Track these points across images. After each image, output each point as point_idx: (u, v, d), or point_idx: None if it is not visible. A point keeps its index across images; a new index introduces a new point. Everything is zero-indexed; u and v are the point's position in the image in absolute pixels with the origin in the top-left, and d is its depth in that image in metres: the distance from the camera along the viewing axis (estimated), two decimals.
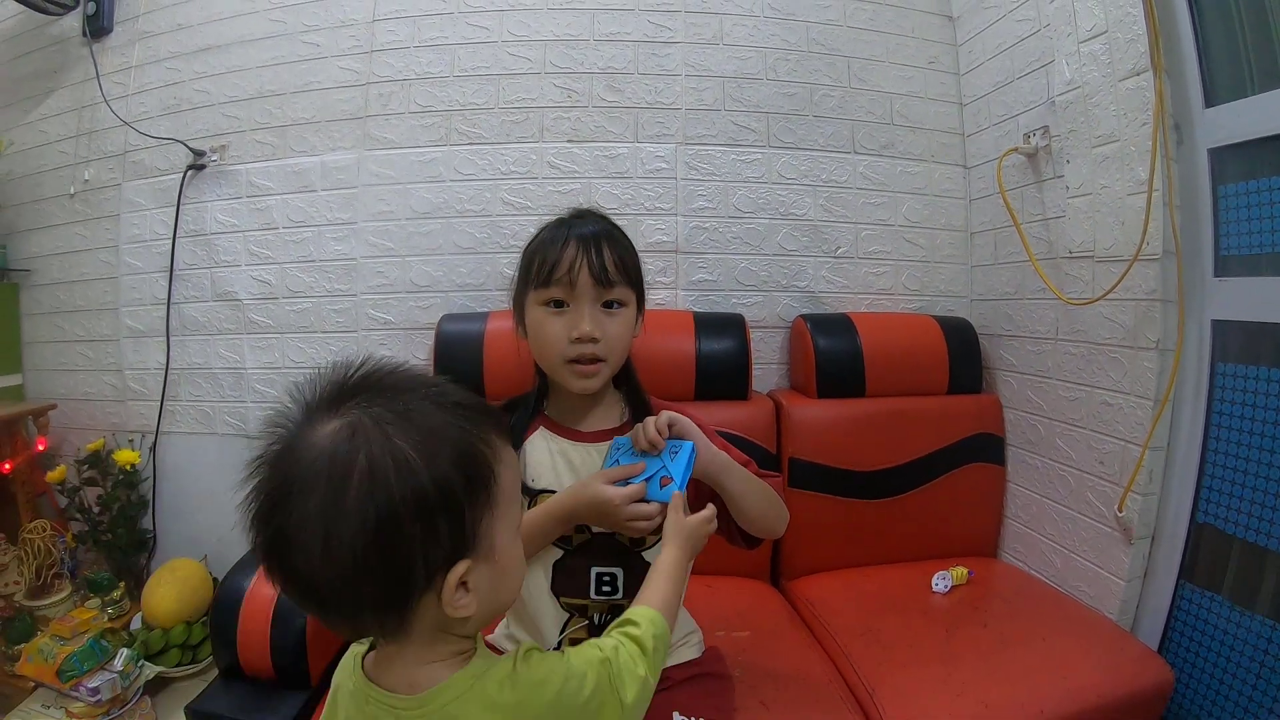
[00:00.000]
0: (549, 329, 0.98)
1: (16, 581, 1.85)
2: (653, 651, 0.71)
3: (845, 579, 1.64)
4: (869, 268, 1.97)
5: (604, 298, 0.99)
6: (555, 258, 0.97)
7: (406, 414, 0.55)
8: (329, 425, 0.54)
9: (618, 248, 1.00)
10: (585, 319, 0.96)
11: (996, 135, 1.85)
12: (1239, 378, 1.33)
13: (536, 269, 0.99)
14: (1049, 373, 1.68)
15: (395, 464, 0.52)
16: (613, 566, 1.01)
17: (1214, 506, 1.37)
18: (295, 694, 1.16)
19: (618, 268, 0.99)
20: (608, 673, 0.66)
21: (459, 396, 0.60)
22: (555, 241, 0.98)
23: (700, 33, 1.92)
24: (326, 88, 1.95)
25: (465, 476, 0.55)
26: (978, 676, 1.22)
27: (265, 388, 1.99)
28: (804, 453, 1.67)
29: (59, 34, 2.21)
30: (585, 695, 0.63)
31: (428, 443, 0.54)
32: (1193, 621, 1.40)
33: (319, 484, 0.51)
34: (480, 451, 0.58)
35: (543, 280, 0.97)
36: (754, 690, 1.16)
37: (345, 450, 0.52)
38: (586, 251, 0.96)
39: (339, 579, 0.52)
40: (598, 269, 0.96)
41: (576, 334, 0.96)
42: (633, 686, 0.67)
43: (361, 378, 0.59)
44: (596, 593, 1.00)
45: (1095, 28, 1.48)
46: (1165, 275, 1.37)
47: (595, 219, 1.03)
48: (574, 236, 0.98)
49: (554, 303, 0.98)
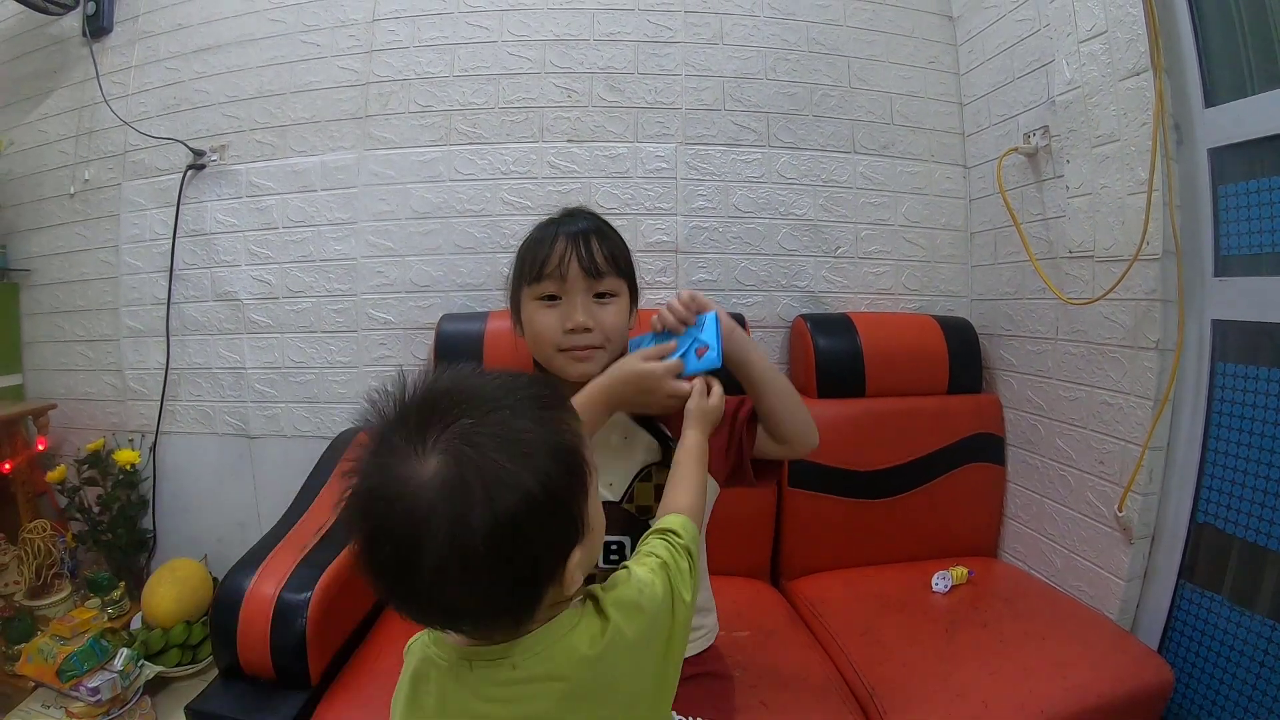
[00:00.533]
0: (542, 321, 1.01)
1: (16, 581, 1.85)
2: (695, 556, 0.76)
3: (845, 579, 1.64)
4: (869, 267, 1.97)
5: (595, 289, 1.01)
6: (545, 253, 1.00)
7: (497, 431, 0.56)
8: (430, 464, 0.54)
9: (606, 242, 1.03)
10: (578, 309, 0.99)
11: (996, 135, 1.85)
12: (1239, 377, 1.33)
13: (528, 266, 1.02)
14: (1049, 372, 1.68)
15: (506, 484, 0.53)
16: (620, 535, 1.01)
17: (1214, 506, 1.37)
18: (295, 694, 1.16)
19: (607, 260, 1.01)
20: (667, 575, 0.70)
21: (529, 390, 0.61)
22: (545, 239, 1.01)
23: (700, 32, 1.92)
24: (326, 87, 1.95)
25: (566, 471, 0.58)
26: (978, 676, 1.22)
27: (265, 387, 1.98)
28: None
29: (59, 34, 2.20)
30: (659, 598, 0.67)
31: (527, 453, 0.55)
32: (1193, 621, 1.40)
33: (443, 527, 0.52)
34: (570, 443, 0.60)
35: (534, 276, 1.00)
36: (754, 690, 1.16)
37: (458, 486, 0.53)
38: (575, 246, 0.99)
39: (477, 598, 0.56)
40: (587, 261, 0.99)
41: (570, 325, 0.99)
42: (688, 587, 0.72)
43: (436, 399, 0.58)
44: (605, 561, 1.00)
45: (1095, 27, 1.48)
46: (1165, 275, 1.37)
47: (585, 216, 1.06)
48: (563, 233, 1.01)
49: (547, 297, 1.01)
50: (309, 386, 1.96)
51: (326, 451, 1.70)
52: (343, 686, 1.18)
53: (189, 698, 1.18)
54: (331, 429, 1.91)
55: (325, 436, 1.84)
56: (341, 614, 1.29)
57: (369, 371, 1.93)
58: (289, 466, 1.89)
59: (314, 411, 1.96)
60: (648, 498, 1.02)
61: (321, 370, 1.95)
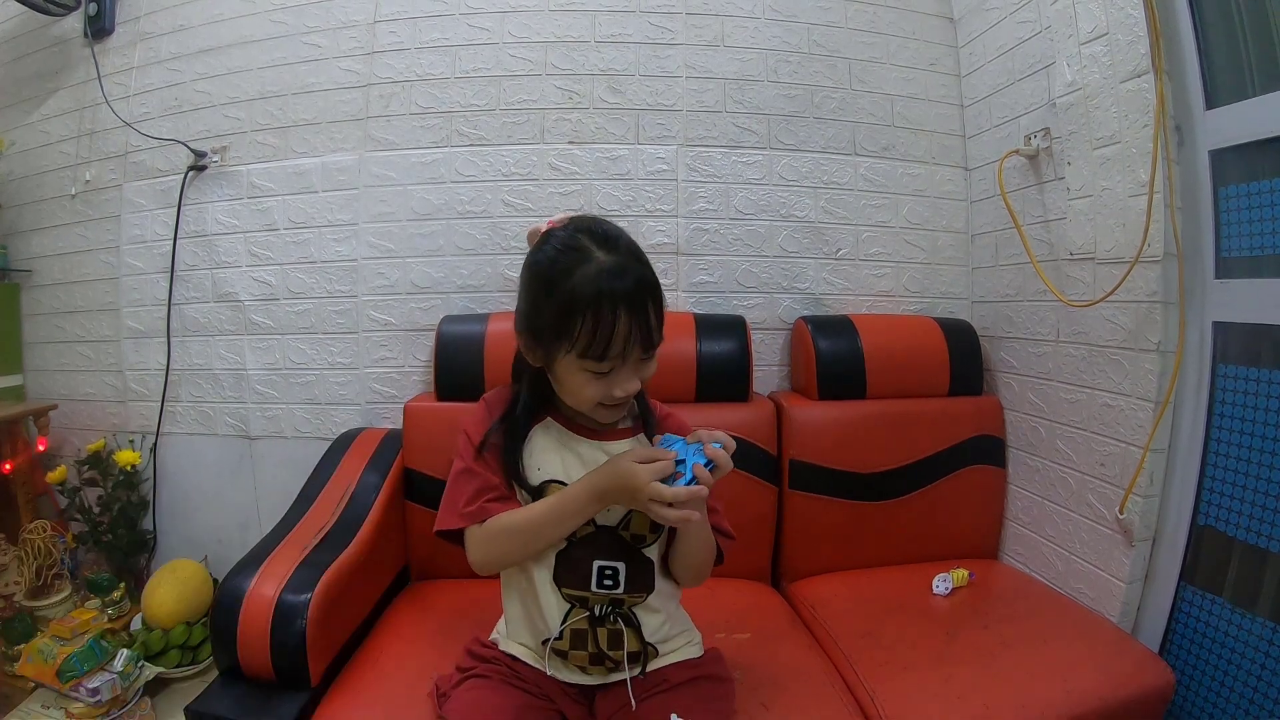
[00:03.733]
0: (591, 391, 0.95)
1: (17, 582, 1.85)
2: None
3: (846, 581, 1.64)
4: (870, 269, 1.97)
5: (646, 354, 0.97)
6: (608, 335, 0.89)
7: None
8: None
9: (659, 303, 0.95)
10: (631, 382, 0.96)
11: (997, 137, 1.85)
12: (1240, 380, 1.33)
13: (585, 342, 0.90)
14: (1050, 375, 1.68)
15: None
16: (615, 561, 1.01)
17: (1215, 509, 1.37)
18: (295, 695, 1.15)
19: (659, 328, 0.96)
20: None
21: None
22: (603, 310, 0.89)
23: (701, 34, 1.92)
24: (328, 89, 1.95)
25: None
26: (979, 679, 1.22)
27: (266, 388, 1.98)
28: (805, 455, 1.67)
29: (60, 35, 2.21)
30: None
31: None
32: (1194, 624, 1.40)
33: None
34: None
35: (595, 355, 0.91)
36: (754, 693, 1.16)
37: None
38: (637, 323, 0.91)
39: None
40: (646, 339, 0.93)
41: (621, 393, 0.95)
42: None
43: None
44: (598, 585, 1.01)
45: (1096, 29, 1.48)
46: (1166, 277, 1.37)
47: (628, 264, 0.93)
48: (623, 306, 0.89)
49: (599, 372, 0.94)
50: (309, 388, 1.96)
51: (327, 452, 1.69)
52: (343, 688, 1.18)
53: (189, 699, 1.18)
54: (332, 430, 1.91)
55: (326, 438, 1.84)
56: (342, 615, 1.29)
57: (369, 373, 1.93)
58: (289, 467, 1.89)
59: (314, 413, 1.96)
60: (643, 527, 1.02)
61: (322, 371, 1.95)
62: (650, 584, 1.04)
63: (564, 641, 1.02)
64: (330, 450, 1.70)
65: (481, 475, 1.02)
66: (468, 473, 1.03)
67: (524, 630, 1.07)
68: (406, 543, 1.62)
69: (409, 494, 1.61)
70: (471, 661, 1.07)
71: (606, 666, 1.03)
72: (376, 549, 1.45)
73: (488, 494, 1.01)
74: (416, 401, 1.70)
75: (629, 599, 1.03)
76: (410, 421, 1.65)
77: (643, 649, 1.04)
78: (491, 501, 1.01)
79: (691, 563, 1.05)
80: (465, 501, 1.01)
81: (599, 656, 1.02)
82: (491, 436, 1.05)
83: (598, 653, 1.02)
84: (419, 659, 1.23)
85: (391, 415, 1.90)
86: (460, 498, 1.02)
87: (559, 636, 1.01)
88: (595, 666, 1.03)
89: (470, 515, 1.00)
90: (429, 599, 1.50)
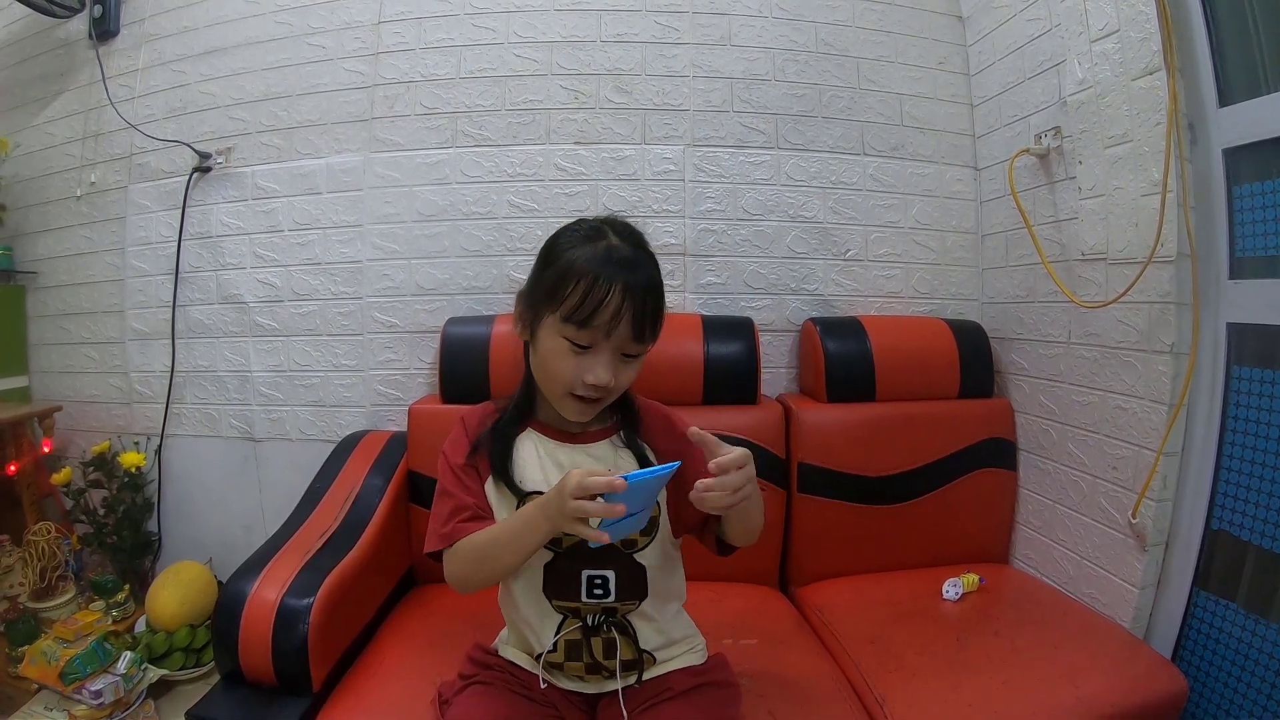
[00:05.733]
0: (563, 365, 0.94)
1: (21, 583, 1.85)
2: None
3: (855, 585, 1.62)
4: (879, 270, 1.95)
5: (629, 350, 0.96)
6: (597, 301, 0.90)
7: None
8: None
9: (658, 301, 0.96)
10: (604, 369, 0.93)
11: (1007, 136, 1.83)
12: (1255, 381, 1.31)
13: (573, 303, 0.91)
14: (1061, 377, 1.66)
15: None
16: (604, 569, 1.00)
17: (1229, 513, 1.35)
18: (297, 700, 1.15)
19: (653, 328, 0.95)
20: None
21: None
22: (600, 280, 0.90)
23: (708, 34, 1.91)
24: (332, 90, 1.95)
25: None
26: (989, 686, 1.20)
27: (270, 391, 1.98)
28: (813, 458, 1.66)
29: (65, 37, 2.21)
30: None
31: None
32: (1207, 630, 1.38)
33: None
34: None
35: (579, 320, 0.90)
36: (761, 699, 1.15)
37: None
38: (632, 306, 0.91)
39: None
40: (637, 327, 0.92)
41: (592, 380, 0.93)
42: None
43: None
44: (588, 595, 1.00)
45: (1107, 26, 1.46)
46: (1180, 277, 1.35)
47: (642, 258, 0.96)
48: (621, 283, 0.90)
49: (579, 344, 0.93)
50: (314, 390, 1.96)
51: (331, 455, 1.69)
52: (345, 693, 1.17)
53: (192, 701, 1.17)
54: (337, 432, 1.90)
55: (330, 440, 1.83)
56: (345, 620, 1.29)
57: (374, 375, 1.92)
58: (294, 470, 1.88)
59: (319, 415, 1.96)
60: None
61: (327, 374, 1.95)
62: (643, 590, 1.03)
63: (558, 654, 1.01)
64: (335, 453, 1.70)
65: (456, 496, 1.01)
66: (444, 494, 1.03)
67: (520, 642, 1.07)
68: (410, 546, 1.61)
69: (414, 497, 1.60)
70: (474, 668, 1.07)
71: (604, 675, 1.02)
72: (380, 553, 1.44)
73: (461, 515, 0.99)
74: (421, 404, 1.70)
75: (621, 607, 1.02)
76: (415, 424, 1.64)
77: (638, 657, 1.03)
78: (465, 522, 0.98)
79: (742, 529, 0.98)
80: (441, 523, 1.00)
81: (595, 666, 1.01)
82: (480, 447, 1.04)
83: (593, 663, 1.01)
84: (422, 665, 1.23)
85: (396, 418, 1.89)
86: (437, 520, 1.01)
87: (552, 649, 1.00)
88: (593, 675, 1.02)
89: (445, 536, 0.98)
90: (433, 603, 1.49)
